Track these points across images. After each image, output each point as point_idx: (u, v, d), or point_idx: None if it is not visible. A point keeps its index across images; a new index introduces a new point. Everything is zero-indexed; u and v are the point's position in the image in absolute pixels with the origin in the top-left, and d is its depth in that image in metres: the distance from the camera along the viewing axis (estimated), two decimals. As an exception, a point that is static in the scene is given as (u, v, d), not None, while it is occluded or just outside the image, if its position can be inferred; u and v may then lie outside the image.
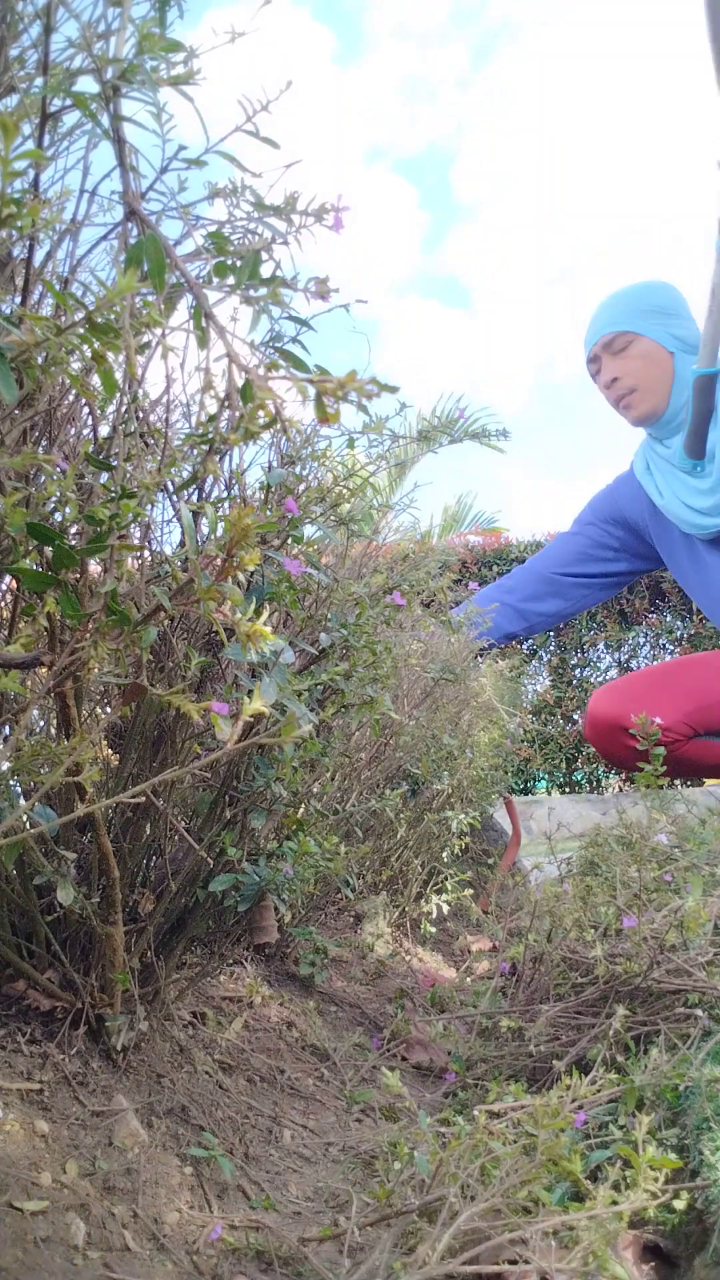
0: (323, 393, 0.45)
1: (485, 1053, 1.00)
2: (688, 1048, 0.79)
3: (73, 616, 0.56)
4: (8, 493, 0.52)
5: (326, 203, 0.58)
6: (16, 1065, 0.73)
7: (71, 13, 0.51)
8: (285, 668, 0.63)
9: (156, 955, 0.86)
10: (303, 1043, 1.03)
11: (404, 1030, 1.12)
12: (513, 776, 3.58)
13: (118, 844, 0.82)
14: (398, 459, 1.04)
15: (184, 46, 0.51)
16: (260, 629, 0.51)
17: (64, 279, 0.67)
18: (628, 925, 0.92)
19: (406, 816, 1.48)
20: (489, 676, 1.86)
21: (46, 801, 0.72)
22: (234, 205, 0.60)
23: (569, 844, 1.66)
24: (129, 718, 0.81)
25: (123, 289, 0.44)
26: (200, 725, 0.84)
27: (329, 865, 0.95)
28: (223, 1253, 0.64)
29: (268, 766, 0.82)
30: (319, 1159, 0.82)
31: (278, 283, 0.55)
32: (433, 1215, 0.63)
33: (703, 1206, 0.64)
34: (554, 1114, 0.61)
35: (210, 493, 0.85)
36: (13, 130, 0.44)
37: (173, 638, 0.82)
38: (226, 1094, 0.86)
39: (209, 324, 0.47)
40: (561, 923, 1.08)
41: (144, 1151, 0.71)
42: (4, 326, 0.48)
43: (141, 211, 0.50)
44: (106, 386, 0.51)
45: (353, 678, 0.85)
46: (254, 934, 1.05)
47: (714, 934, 0.94)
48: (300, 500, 0.86)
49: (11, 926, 0.77)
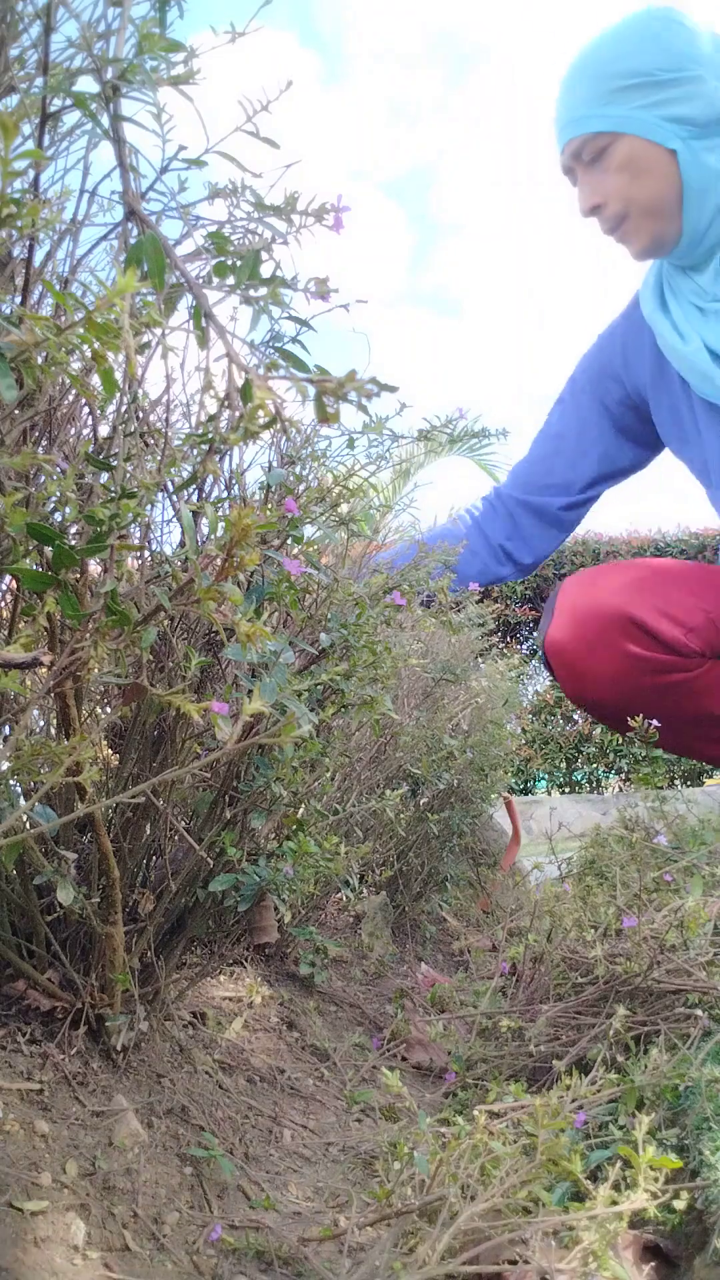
0: (323, 392, 0.45)
1: (485, 1053, 1.00)
2: (688, 1048, 0.79)
3: (73, 616, 0.56)
4: (8, 493, 0.52)
5: (326, 203, 0.58)
6: (16, 1065, 0.73)
7: (71, 13, 0.51)
8: (285, 668, 0.63)
9: (156, 955, 0.86)
10: (303, 1043, 1.03)
11: (404, 1030, 1.12)
12: (513, 776, 3.57)
13: (118, 844, 0.82)
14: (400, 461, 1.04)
15: (184, 46, 0.51)
16: (260, 629, 0.51)
17: (64, 279, 0.67)
18: (628, 925, 0.92)
19: (406, 816, 1.48)
20: (489, 677, 1.86)
21: (46, 801, 0.72)
22: (234, 205, 0.60)
23: (569, 844, 1.66)
24: (129, 718, 0.81)
25: (123, 289, 0.44)
26: (200, 725, 0.84)
27: (329, 865, 0.95)
28: (223, 1253, 0.64)
29: (268, 766, 0.82)
30: (319, 1159, 0.82)
31: (278, 283, 0.55)
32: (433, 1215, 0.63)
33: (703, 1206, 0.64)
34: (554, 1114, 0.61)
35: (210, 493, 0.85)
36: (13, 130, 0.44)
37: (173, 638, 0.82)
38: (226, 1094, 0.86)
39: (209, 324, 0.47)
40: (561, 923, 1.08)
41: (144, 1151, 0.71)
42: (4, 326, 0.48)
43: (141, 211, 0.50)
44: (106, 386, 0.51)
45: (353, 678, 0.85)
46: (254, 934, 1.05)
47: (714, 934, 0.94)
48: (300, 500, 0.86)
49: (11, 926, 0.77)
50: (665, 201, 1.34)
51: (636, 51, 1.29)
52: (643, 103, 1.29)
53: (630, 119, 1.30)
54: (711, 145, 1.30)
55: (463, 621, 1.63)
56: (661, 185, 1.33)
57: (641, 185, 1.34)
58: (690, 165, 1.30)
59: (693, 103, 1.29)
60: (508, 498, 1.81)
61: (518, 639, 6.38)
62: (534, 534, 1.80)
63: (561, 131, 1.39)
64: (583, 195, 1.40)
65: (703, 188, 1.32)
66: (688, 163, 1.30)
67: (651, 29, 1.30)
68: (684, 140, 1.30)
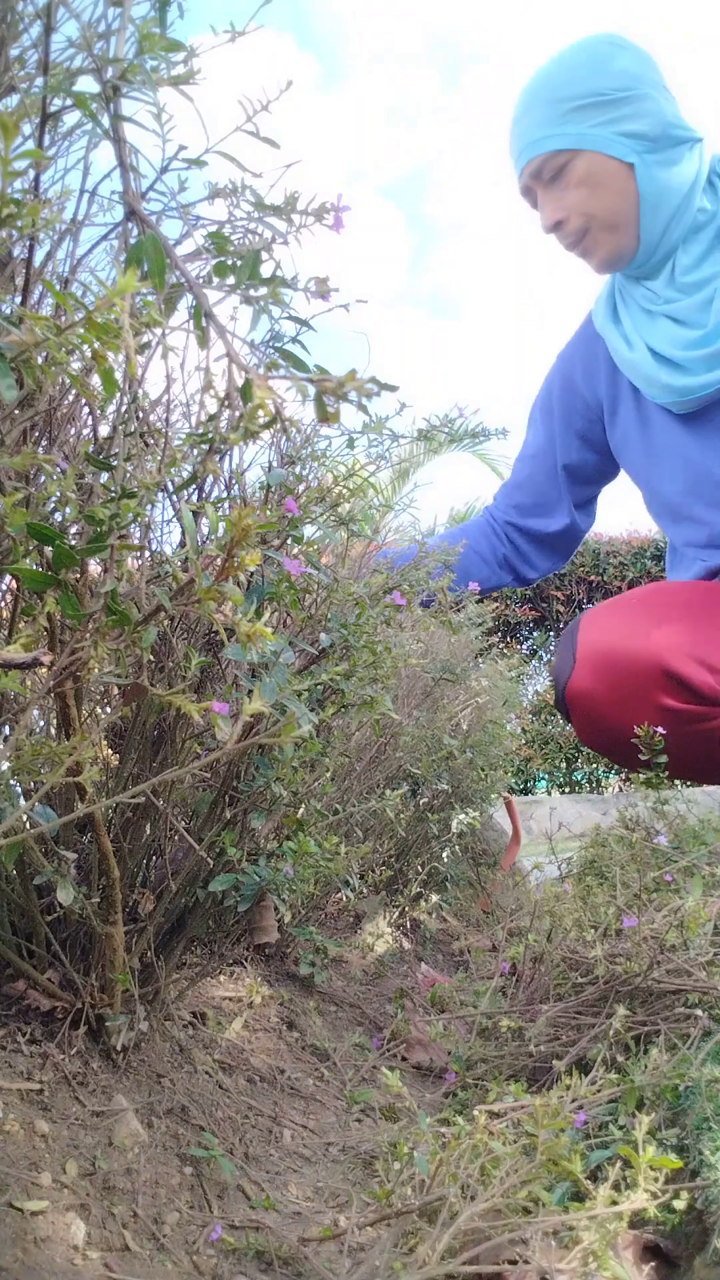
0: (323, 392, 0.45)
1: (485, 1053, 1.00)
2: (688, 1048, 0.79)
3: (73, 616, 0.56)
4: (8, 493, 0.52)
5: (326, 202, 0.58)
6: (16, 1065, 0.73)
7: (72, 13, 0.51)
8: (285, 668, 0.63)
9: (156, 955, 0.86)
10: (303, 1043, 1.03)
11: (404, 1030, 1.12)
12: (513, 776, 3.57)
13: (118, 844, 0.82)
14: (400, 461, 1.04)
15: (184, 46, 0.51)
16: (260, 629, 0.51)
17: (64, 279, 0.67)
18: (628, 925, 0.92)
19: (406, 817, 1.48)
20: (489, 677, 1.86)
21: (46, 801, 0.72)
22: (234, 205, 0.60)
23: (569, 844, 1.66)
24: (129, 718, 0.81)
25: (123, 289, 0.44)
26: (200, 725, 0.84)
27: (329, 865, 0.95)
28: (223, 1253, 0.64)
29: (268, 766, 0.82)
30: (319, 1159, 0.82)
31: (278, 282, 0.55)
32: (433, 1215, 0.63)
33: (703, 1206, 0.64)
34: (554, 1114, 0.61)
35: (210, 493, 0.85)
36: (13, 130, 0.44)
37: (173, 638, 0.82)
38: (226, 1094, 0.86)
39: (209, 324, 0.47)
40: (561, 923, 1.08)
41: (144, 1151, 0.71)
42: (4, 326, 0.48)
43: (142, 211, 0.50)
44: (106, 386, 0.51)
45: (353, 678, 0.85)
46: (254, 934, 1.05)
47: (714, 934, 0.94)
48: (300, 500, 0.86)
49: (11, 926, 0.77)
50: (623, 214, 1.40)
51: (588, 74, 1.36)
52: (598, 120, 1.36)
53: (588, 136, 1.37)
54: (662, 159, 1.38)
55: (462, 621, 1.63)
56: (619, 198, 1.39)
57: (600, 199, 1.40)
58: (645, 179, 1.38)
59: (643, 120, 1.36)
60: (501, 521, 1.82)
61: (518, 639, 6.38)
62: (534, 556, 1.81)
63: (520, 154, 1.44)
64: (544, 213, 1.45)
65: (656, 200, 1.39)
66: (643, 176, 1.38)
67: (600, 52, 1.38)
68: (639, 154, 1.37)
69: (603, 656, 1.38)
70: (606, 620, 1.42)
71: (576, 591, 6.35)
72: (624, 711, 1.37)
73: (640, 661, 1.34)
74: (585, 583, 6.34)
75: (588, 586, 6.36)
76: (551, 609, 6.33)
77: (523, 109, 1.43)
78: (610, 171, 1.37)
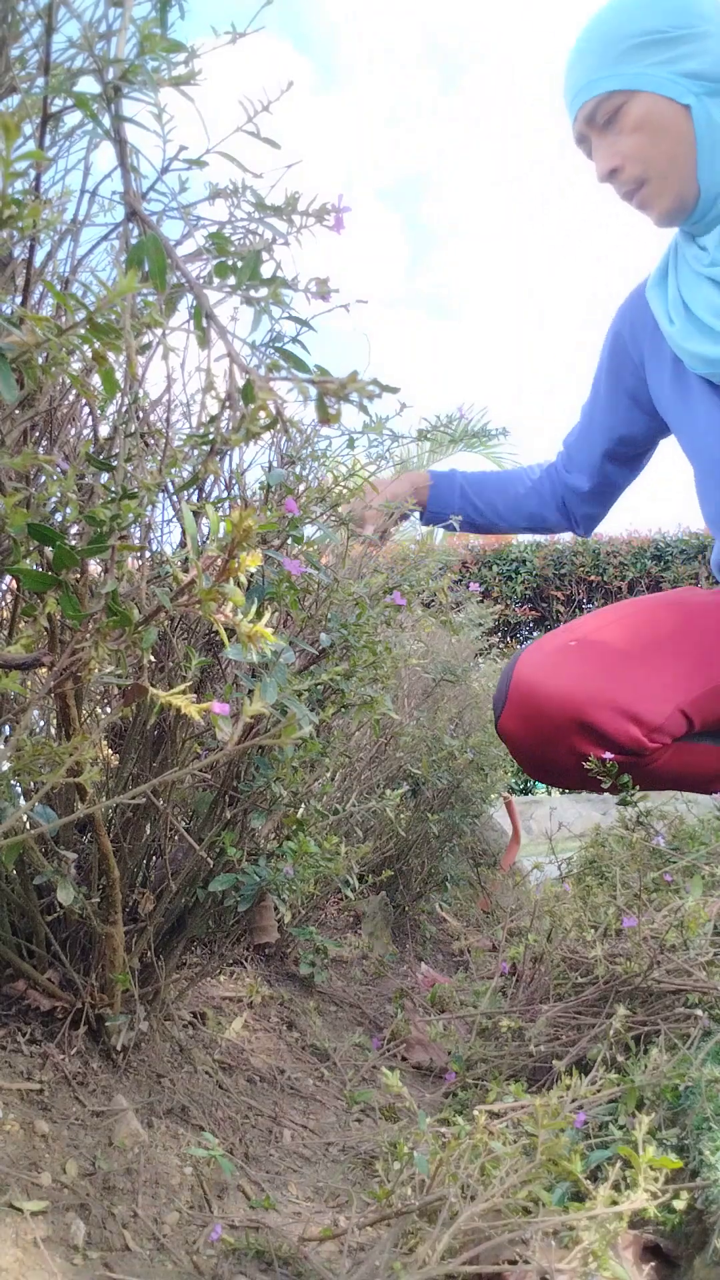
0: (324, 393, 0.45)
1: (485, 1053, 1.00)
2: (688, 1048, 0.79)
3: (73, 617, 0.56)
4: (8, 493, 0.52)
5: (327, 203, 0.58)
6: (16, 1065, 0.73)
7: (73, 13, 0.51)
8: (285, 668, 0.63)
9: (156, 955, 0.86)
10: (303, 1043, 1.04)
11: (404, 1030, 1.12)
12: (512, 776, 3.57)
13: (118, 844, 0.82)
14: (400, 461, 1.05)
15: (185, 47, 0.51)
16: (261, 630, 0.51)
17: (65, 279, 0.67)
18: (628, 925, 0.92)
19: (406, 816, 1.48)
20: (489, 677, 1.86)
21: (47, 801, 0.72)
22: (235, 205, 0.60)
23: (569, 844, 1.66)
24: (129, 718, 0.81)
25: (124, 289, 0.44)
26: (200, 725, 0.84)
27: (329, 865, 0.96)
28: (223, 1253, 0.64)
29: (268, 767, 0.82)
30: (319, 1159, 0.82)
31: (278, 283, 0.55)
32: (433, 1215, 0.63)
33: (703, 1206, 0.64)
34: (554, 1114, 0.61)
35: (211, 493, 0.85)
36: (14, 131, 0.44)
37: (173, 638, 0.82)
38: (226, 1094, 0.86)
39: (210, 324, 0.47)
40: (561, 923, 1.08)
41: (144, 1151, 0.71)
42: (5, 327, 0.48)
43: (142, 212, 0.50)
44: (107, 387, 0.51)
45: (353, 678, 0.85)
46: (254, 934, 1.05)
47: (714, 934, 0.94)
48: (300, 500, 0.86)
49: (11, 926, 0.77)
50: (682, 160, 1.31)
51: (645, 12, 1.30)
52: (656, 59, 1.29)
53: (644, 76, 1.30)
54: None
55: (463, 621, 1.63)
56: (677, 143, 1.31)
57: (658, 143, 1.31)
58: (703, 121, 1.29)
59: (703, 58, 1.29)
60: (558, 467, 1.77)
61: (518, 639, 6.38)
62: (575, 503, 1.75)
63: (574, 99, 1.37)
64: (599, 159, 1.37)
65: (714, 144, 1.30)
66: (701, 119, 1.29)
67: None
68: (697, 96, 1.29)
69: (526, 699, 1.36)
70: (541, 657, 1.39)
71: (576, 591, 6.35)
72: (546, 752, 1.37)
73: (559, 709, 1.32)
74: (585, 583, 6.34)
75: (588, 586, 6.36)
76: (552, 609, 6.33)
77: (577, 54, 1.36)
78: (667, 114, 1.29)
